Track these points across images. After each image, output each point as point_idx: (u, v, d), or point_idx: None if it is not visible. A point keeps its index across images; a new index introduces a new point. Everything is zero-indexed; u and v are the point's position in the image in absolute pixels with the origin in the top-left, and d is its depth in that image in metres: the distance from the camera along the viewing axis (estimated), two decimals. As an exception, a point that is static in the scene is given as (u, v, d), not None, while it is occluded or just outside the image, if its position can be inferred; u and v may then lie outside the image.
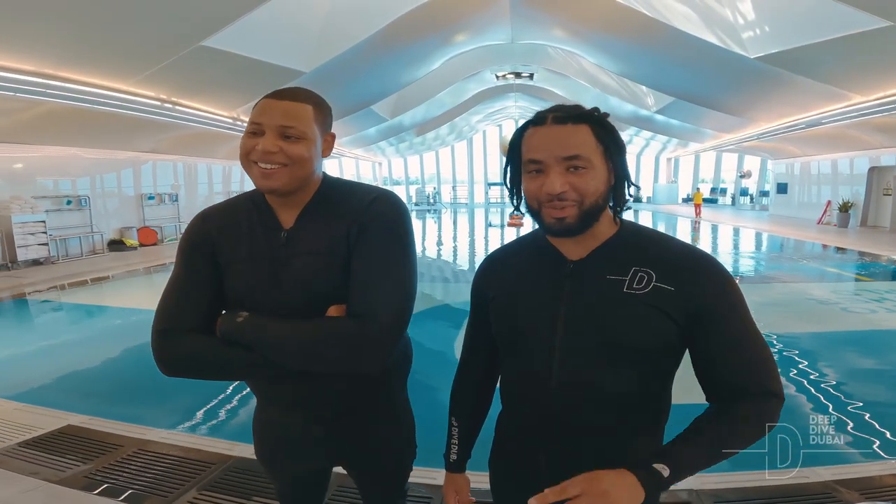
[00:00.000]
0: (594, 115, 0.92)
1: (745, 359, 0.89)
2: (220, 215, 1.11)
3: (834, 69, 9.38)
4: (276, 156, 0.97)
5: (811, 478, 2.24)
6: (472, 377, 1.16)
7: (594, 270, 0.94)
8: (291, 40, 9.57)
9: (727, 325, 0.89)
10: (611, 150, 0.91)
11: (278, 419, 1.17)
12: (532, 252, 1.03)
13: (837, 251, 11.30)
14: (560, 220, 0.90)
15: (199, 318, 1.03)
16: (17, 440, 2.68)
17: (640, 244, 0.96)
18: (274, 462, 1.24)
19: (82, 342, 5.69)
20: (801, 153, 17.28)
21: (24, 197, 9.64)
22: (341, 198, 1.07)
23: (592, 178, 0.89)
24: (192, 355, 1.01)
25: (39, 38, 6.71)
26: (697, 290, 0.89)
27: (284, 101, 0.99)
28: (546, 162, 0.89)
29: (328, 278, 1.02)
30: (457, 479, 1.18)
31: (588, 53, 13.93)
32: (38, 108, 8.15)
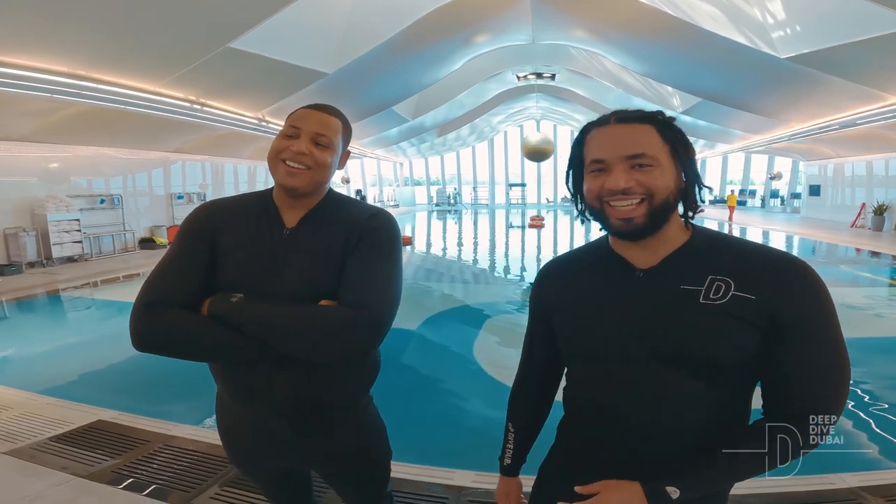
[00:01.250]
0: (659, 116, 0.90)
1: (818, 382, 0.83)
2: (227, 206, 1.20)
3: (868, 69, 9.07)
4: (305, 157, 1.09)
5: (837, 484, 2.19)
6: (530, 386, 1.16)
7: (667, 279, 0.90)
8: (315, 42, 9.70)
9: (808, 339, 0.83)
10: (678, 150, 0.89)
11: (243, 415, 1.18)
12: (595, 260, 1.00)
13: (871, 255, 10.93)
14: (627, 220, 0.86)
15: (187, 297, 1.07)
16: (49, 435, 2.76)
17: (716, 251, 0.90)
18: (244, 461, 1.27)
19: (113, 338, 5.85)
20: (835, 154, 16.73)
21: (60, 196, 9.97)
22: (343, 209, 1.18)
23: (661, 174, 0.86)
24: (175, 330, 1.04)
25: (73, 41, 6.94)
26: (781, 298, 0.83)
27: (321, 112, 1.15)
28: (609, 160, 0.87)
29: (323, 276, 1.09)
30: (510, 482, 1.19)
31: (611, 54, 13.74)
32: (72, 109, 8.44)
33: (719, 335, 0.84)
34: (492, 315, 6.71)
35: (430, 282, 8.74)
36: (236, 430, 1.22)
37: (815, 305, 0.83)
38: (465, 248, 14.08)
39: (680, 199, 0.90)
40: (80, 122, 9.15)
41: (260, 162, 16.59)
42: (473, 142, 30.95)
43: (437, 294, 8.11)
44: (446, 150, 31.21)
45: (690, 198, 0.91)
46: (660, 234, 0.90)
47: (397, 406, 1.31)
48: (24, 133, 9.04)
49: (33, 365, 4.76)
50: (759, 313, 0.83)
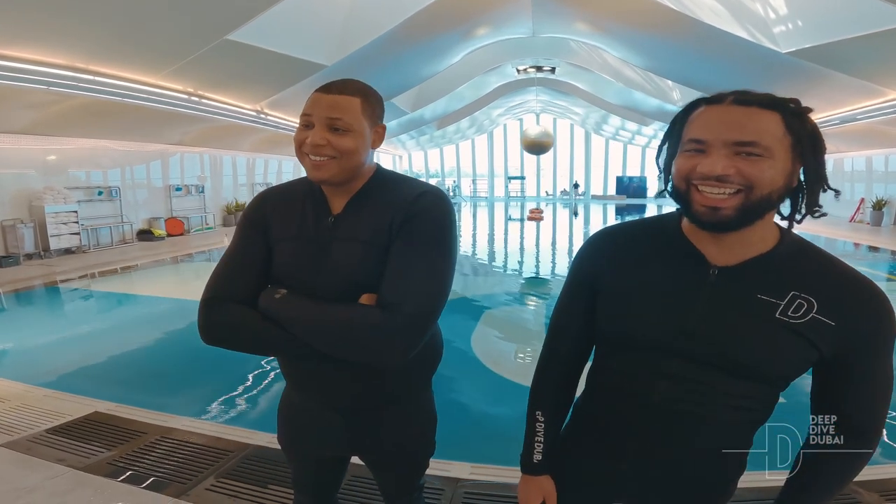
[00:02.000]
0: (792, 103, 0.79)
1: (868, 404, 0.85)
2: (277, 195, 1.17)
3: (869, 64, 9.05)
4: (324, 148, 1.01)
5: None
6: (559, 367, 1.05)
7: (744, 285, 0.83)
8: (314, 34, 9.64)
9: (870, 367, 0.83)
10: (804, 145, 0.78)
11: (301, 403, 1.20)
12: (662, 243, 0.91)
13: (870, 250, 10.95)
14: (714, 209, 0.78)
15: (245, 291, 1.07)
16: (46, 426, 2.76)
17: (805, 264, 0.83)
18: (294, 446, 1.27)
19: (111, 330, 5.87)
20: (835, 149, 16.69)
21: (57, 187, 9.93)
22: (390, 189, 1.09)
23: (770, 167, 0.76)
24: (231, 324, 1.04)
25: (71, 33, 6.90)
26: (860, 330, 0.80)
27: (332, 94, 1.02)
28: (710, 142, 0.77)
29: (366, 266, 1.04)
30: (542, 482, 1.05)
31: (611, 47, 13.67)
32: (70, 102, 8.39)
33: (787, 353, 0.81)
34: (490, 307, 6.72)
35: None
36: (294, 416, 1.24)
37: (885, 339, 0.82)
38: (463, 241, 14.08)
39: (785, 199, 0.82)
40: (79, 115, 9.11)
41: (259, 154, 16.53)
42: (473, 135, 30.86)
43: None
44: (446, 143, 31.11)
45: (809, 200, 0.82)
46: (746, 231, 0.81)
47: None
48: (22, 125, 9.00)
49: (30, 357, 4.76)
50: (833, 340, 0.80)
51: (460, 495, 2.15)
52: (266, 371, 4.05)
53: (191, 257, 10.44)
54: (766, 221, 0.82)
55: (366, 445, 1.21)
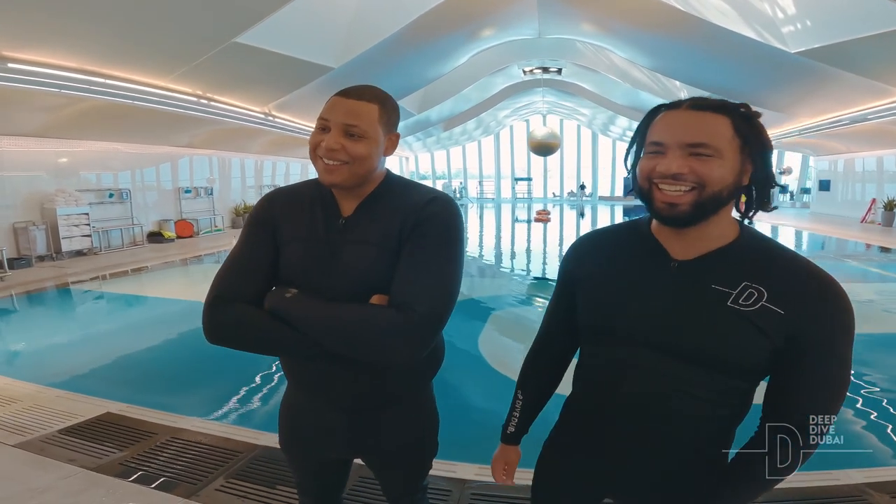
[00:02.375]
0: (739, 108, 0.87)
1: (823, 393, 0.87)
2: (285, 196, 1.17)
3: (879, 64, 8.97)
4: (338, 153, 1.02)
5: (842, 480, 2.19)
6: (545, 356, 1.16)
7: (700, 276, 0.89)
8: (321, 36, 9.70)
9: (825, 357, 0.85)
10: (752, 145, 0.85)
11: (305, 404, 1.20)
12: (632, 241, 0.99)
13: (881, 251, 10.81)
14: (672, 205, 0.85)
15: (251, 291, 1.07)
16: (58, 427, 2.79)
17: (757, 256, 0.89)
18: (296, 449, 1.27)
19: (122, 331, 5.92)
20: (846, 149, 16.53)
21: (69, 190, 10.04)
22: (400, 194, 1.11)
23: (719, 166, 0.83)
24: (238, 324, 1.04)
25: (83, 37, 6.99)
26: (809, 319, 0.83)
27: (351, 99, 1.04)
28: (667, 144, 0.85)
29: (376, 269, 1.05)
30: (509, 451, 1.20)
31: (618, 48, 13.62)
32: (81, 104, 8.49)
33: (738, 340, 0.85)
34: (497, 309, 6.72)
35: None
36: (296, 417, 1.23)
37: (840, 329, 0.84)
38: (470, 242, 14.07)
39: (736, 196, 0.88)
40: (89, 118, 9.21)
41: (267, 156, 16.63)
42: (479, 136, 30.85)
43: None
44: (452, 145, 31.13)
45: (758, 197, 0.89)
46: (704, 227, 0.88)
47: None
48: (34, 128, 9.12)
49: (42, 358, 4.82)
50: (782, 328, 0.84)
51: (467, 496, 2.15)
52: (274, 372, 4.07)
53: (200, 259, 10.53)
54: (722, 217, 0.89)
55: (369, 446, 1.21)
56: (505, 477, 1.21)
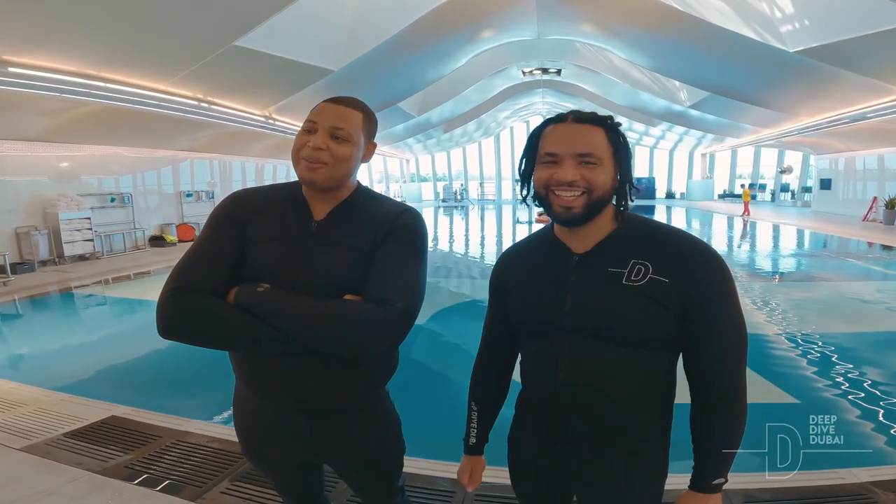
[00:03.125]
0: (609, 120, 1.00)
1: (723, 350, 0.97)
2: (255, 196, 1.20)
3: (878, 63, 8.98)
4: (323, 153, 1.08)
5: (847, 479, 2.20)
6: (490, 365, 1.24)
7: (597, 263, 1.01)
8: (321, 39, 9.72)
9: (713, 316, 0.96)
10: (620, 153, 0.99)
11: (263, 407, 1.18)
12: (543, 247, 1.11)
13: (883, 249, 10.80)
14: (567, 209, 0.97)
15: (213, 285, 1.07)
16: (64, 430, 2.80)
17: (640, 237, 1.01)
18: (260, 455, 1.26)
19: (125, 335, 5.93)
20: (846, 148, 16.53)
21: (71, 194, 10.05)
22: (372, 204, 1.18)
23: (602, 172, 0.96)
24: (201, 317, 1.04)
25: (83, 41, 7.01)
26: (689, 281, 0.95)
27: (340, 105, 1.12)
28: (561, 155, 0.97)
29: (349, 272, 1.09)
30: (474, 461, 1.26)
31: (617, 49, 13.64)
32: (82, 109, 8.51)
33: (637, 313, 0.96)
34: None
35: (438, 277, 8.75)
36: (252, 423, 1.22)
37: (719, 288, 0.97)
38: (472, 244, 14.08)
39: (614, 195, 1.01)
40: (91, 122, 9.24)
41: (268, 160, 16.67)
42: (480, 137, 30.88)
43: (445, 289, 8.13)
44: (452, 146, 31.16)
45: (623, 194, 1.02)
46: (594, 223, 1.01)
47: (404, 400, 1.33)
48: (35, 133, 9.15)
49: (47, 362, 4.83)
50: (671, 295, 0.95)
51: (471, 497, 2.16)
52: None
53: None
54: (607, 213, 1.02)
55: (335, 449, 1.20)
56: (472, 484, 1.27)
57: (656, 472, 1.06)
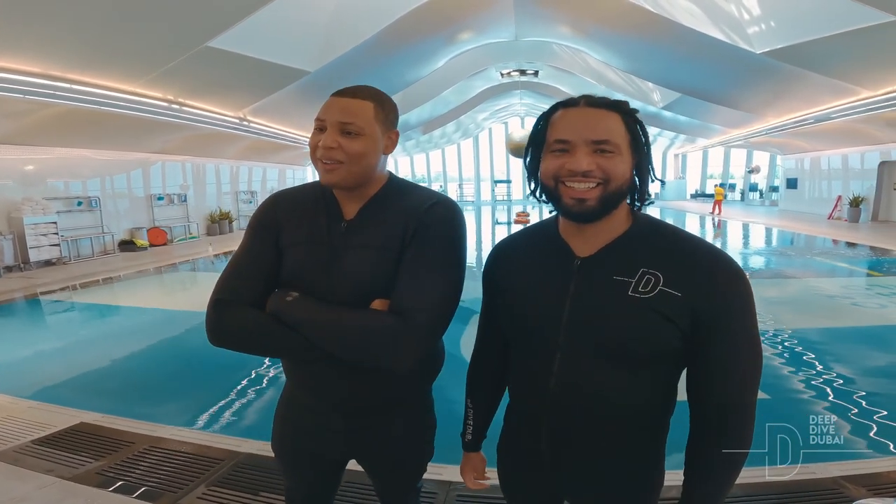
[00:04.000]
0: (626, 106, 0.90)
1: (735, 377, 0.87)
2: (289, 199, 1.17)
3: (841, 64, 9.29)
4: (335, 151, 1.02)
5: (818, 473, 2.21)
6: (486, 361, 1.17)
7: (601, 269, 0.91)
8: (297, 40, 9.62)
9: (729, 338, 0.86)
10: (637, 142, 0.89)
11: (304, 404, 1.19)
12: (541, 244, 1.01)
13: (848, 246, 11.18)
14: (581, 201, 0.86)
15: (253, 294, 1.07)
16: (32, 437, 2.72)
17: (652, 242, 0.90)
18: (292, 447, 1.25)
19: (94, 341, 5.76)
20: (811, 148, 17.10)
21: (36, 198, 9.74)
22: (403, 197, 1.11)
23: (621, 162, 0.86)
24: (241, 327, 1.04)
25: (47, 41, 6.80)
26: (706, 297, 0.84)
27: (345, 98, 1.04)
28: (574, 142, 0.86)
29: (378, 274, 1.05)
30: (472, 457, 1.22)
31: (593, 50, 13.87)
32: (47, 111, 8.25)
33: (641, 329, 0.86)
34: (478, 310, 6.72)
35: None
36: (293, 416, 1.22)
37: (739, 307, 0.86)
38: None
39: (631, 190, 0.91)
40: (57, 124, 8.95)
41: (243, 162, 16.39)
42: (459, 139, 30.97)
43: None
44: (432, 148, 31.17)
45: (642, 189, 0.93)
46: (606, 221, 0.90)
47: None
48: (-2, 135, 8.83)
49: (13, 369, 4.66)
50: (683, 311, 0.84)
51: (453, 498, 2.15)
52: (254, 378, 4.01)
53: (175, 267, 10.30)
54: (621, 209, 0.91)
55: (366, 449, 1.20)
56: (478, 482, 1.22)
57: (653, 480, 1.00)
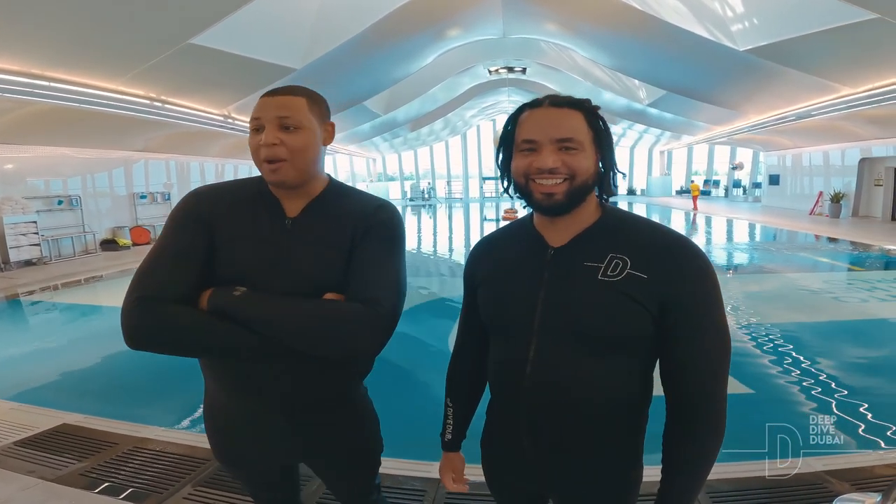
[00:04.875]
0: (587, 104, 0.95)
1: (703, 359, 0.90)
2: (218, 194, 1.12)
3: (822, 61, 9.42)
4: (278, 148, 1.02)
5: (803, 469, 2.22)
6: (465, 360, 1.18)
7: (573, 257, 0.95)
8: (282, 37, 9.52)
9: (694, 319, 0.89)
10: (600, 138, 0.94)
11: (238, 410, 1.13)
12: (519, 238, 1.05)
13: (829, 241, 11.39)
14: (549, 196, 0.92)
15: (184, 290, 1.00)
16: (14, 439, 2.68)
17: (620, 230, 0.96)
18: (237, 459, 1.22)
19: (76, 342, 5.67)
20: (793, 145, 17.37)
21: (15, 197, 9.57)
22: (348, 199, 1.13)
23: (584, 158, 0.91)
24: (174, 327, 0.97)
25: (25, 39, 6.65)
26: (670, 279, 0.88)
27: (278, 96, 1.05)
28: (540, 141, 0.91)
29: (328, 270, 1.05)
30: (452, 458, 1.22)
31: (580, 48, 13.93)
32: (26, 109, 8.08)
33: (611, 311, 0.89)
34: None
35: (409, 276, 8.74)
36: (227, 426, 1.17)
37: (703, 292, 0.90)
38: (440, 242, 14.09)
39: (597, 183, 0.96)
40: (36, 122, 8.78)
41: (228, 159, 16.21)
42: (447, 136, 30.94)
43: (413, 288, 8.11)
44: (420, 145, 31.12)
45: (606, 182, 0.97)
46: (575, 214, 0.96)
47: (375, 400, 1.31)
48: (-25, 133, 8.63)
49: (-8, 372, 4.56)
50: (650, 293, 0.88)
51: (442, 496, 2.14)
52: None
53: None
54: (589, 202, 0.97)
55: (314, 449, 1.19)
56: (456, 484, 1.22)
57: (631, 475, 1.01)
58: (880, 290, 6.94)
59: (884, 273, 8.59)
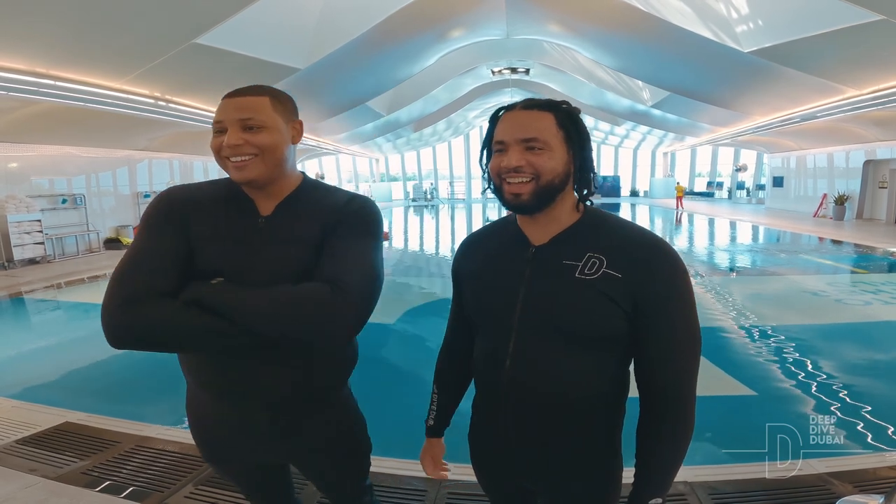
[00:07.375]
0: (561, 105, 0.97)
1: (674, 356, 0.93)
2: (192, 193, 1.11)
3: (827, 63, 9.38)
4: (242, 148, 1.01)
5: (805, 470, 2.22)
6: (453, 351, 1.22)
7: (553, 255, 0.98)
8: (286, 37, 9.53)
9: (666, 317, 0.92)
10: (572, 137, 0.96)
11: (222, 409, 1.12)
12: (503, 235, 1.08)
13: (833, 244, 11.34)
14: (517, 195, 0.95)
15: (166, 288, 0.99)
16: (16, 437, 2.69)
17: (598, 230, 0.98)
18: (223, 459, 1.21)
19: (79, 340, 5.68)
20: (797, 147, 17.32)
21: (20, 196, 9.61)
22: (320, 195, 1.13)
23: (550, 158, 0.93)
24: (156, 324, 0.96)
25: (31, 38, 6.67)
26: (643, 279, 0.91)
27: (239, 96, 1.04)
28: (507, 142, 0.95)
29: (301, 268, 1.04)
30: (433, 443, 1.27)
31: (583, 48, 13.91)
32: (31, 108, 8.12)
33: (587, 308, 0.92)
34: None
35: (408, 276, 8.73)
36: (211, 427, 1.16)
37: (671, 286, 0.92)
38: (442, 243, 14.09)
39: (569, 183, 0.97)
40: (41, 121, 8.82)
41: (231, 159, 16.25)
42: (449, 137, 30.96)
43: (415, 288, 8.12)
44: (422, 146, 31.13)
45: (583, 182, 0.99)
46: (552, 213, 0.98)
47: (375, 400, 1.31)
48: (-20, 132, 8.67)
49: (-4, 369, 4.58)
50: (624, 292, 0.91)
51: (443, 496, 2.15)
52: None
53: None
54: (566, 202, 0.99)
55: (299, 448, 1.18)
56: (436, 470, 1.26)
57: (610, 470, 1.03)
58: (884, 292, 6.91)
59: (887, 276, 8.54)
